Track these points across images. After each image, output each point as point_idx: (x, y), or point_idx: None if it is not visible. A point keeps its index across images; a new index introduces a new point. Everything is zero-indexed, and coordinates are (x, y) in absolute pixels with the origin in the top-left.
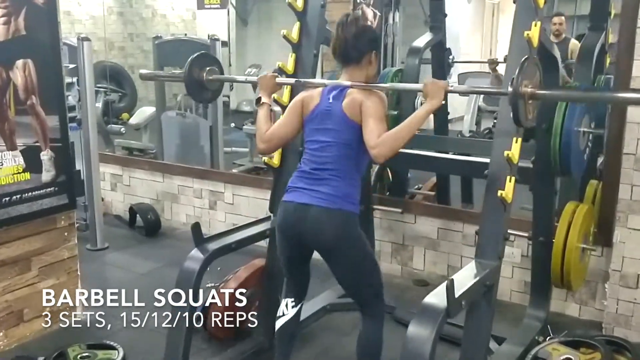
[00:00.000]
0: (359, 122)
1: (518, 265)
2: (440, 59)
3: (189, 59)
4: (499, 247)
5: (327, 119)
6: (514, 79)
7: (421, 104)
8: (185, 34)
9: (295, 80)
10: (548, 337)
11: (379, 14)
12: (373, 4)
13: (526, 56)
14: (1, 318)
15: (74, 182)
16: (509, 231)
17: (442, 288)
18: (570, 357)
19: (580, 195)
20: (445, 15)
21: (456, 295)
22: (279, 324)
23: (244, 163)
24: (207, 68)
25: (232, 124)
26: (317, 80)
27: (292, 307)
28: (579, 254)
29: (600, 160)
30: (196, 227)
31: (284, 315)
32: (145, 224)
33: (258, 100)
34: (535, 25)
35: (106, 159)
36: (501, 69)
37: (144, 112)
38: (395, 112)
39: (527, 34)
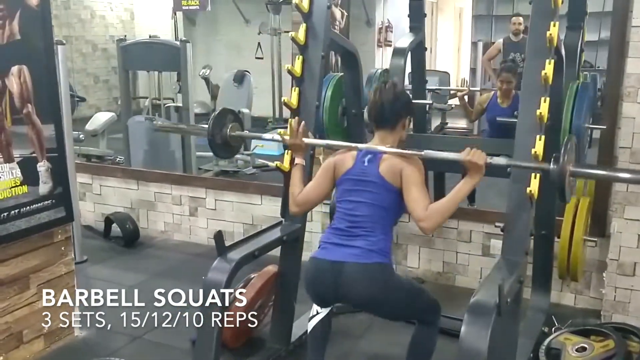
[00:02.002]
0: (398, 187)
1: None
2: (420, 59)
3: (212, 116)
4: (525, 243)
5: (362, 181)
6: (559, 158)
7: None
8: (125, 36)
9: (327, 143)
10: (554, 328)
11: (346, 13)
12: (340, 4)
13: (567, 137)
14: (1, 341)
15: (70, 194)
16: None
17: (485, 287)
18: (585, 345)
19: None
20: (425, 15)
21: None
22: (312, 324)
23: (210, 168)
24: (230, 125)
25: None
26: (349, 143)
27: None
28: (583, 246)
29: None
30: (219, 235)
31: (317, 314)
32: (123, 234)
33: (292, 160)
34: (554, 25)
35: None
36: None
37: (99, 118)
38: None
39: (550, 34)
